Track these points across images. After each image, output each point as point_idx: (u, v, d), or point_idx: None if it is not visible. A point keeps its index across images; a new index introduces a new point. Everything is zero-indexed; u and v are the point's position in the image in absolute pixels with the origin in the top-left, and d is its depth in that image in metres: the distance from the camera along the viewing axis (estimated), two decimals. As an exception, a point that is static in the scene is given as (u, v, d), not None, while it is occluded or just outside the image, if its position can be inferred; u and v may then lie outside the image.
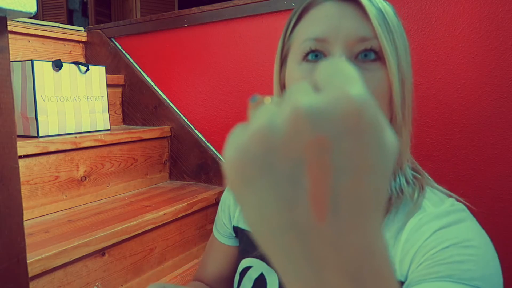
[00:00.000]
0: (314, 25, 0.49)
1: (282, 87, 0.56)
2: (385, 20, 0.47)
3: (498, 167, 1.01)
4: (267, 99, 0.21)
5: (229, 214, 0.69)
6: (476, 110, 1.02)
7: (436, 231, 0.45)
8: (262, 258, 0.59)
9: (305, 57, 0.49)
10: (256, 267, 0.59)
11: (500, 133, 1.00)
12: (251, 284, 0.59)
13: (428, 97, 1.08)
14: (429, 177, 0.55)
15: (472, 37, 1.01)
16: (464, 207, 0.49)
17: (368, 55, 0.47)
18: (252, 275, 0.59)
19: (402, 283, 0.45)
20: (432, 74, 1.07)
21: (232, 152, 0.19)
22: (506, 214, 1.01)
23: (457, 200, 0.50)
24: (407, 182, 0.52)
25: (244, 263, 0.62)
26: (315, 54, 0.49)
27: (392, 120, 0.50)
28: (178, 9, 3.03)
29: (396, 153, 0.19)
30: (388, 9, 0.49)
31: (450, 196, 0.51)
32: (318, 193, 0.18)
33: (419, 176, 0.54)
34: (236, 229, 0.68)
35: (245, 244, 0.64)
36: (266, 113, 0.19)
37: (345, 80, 0.18)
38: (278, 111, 0.19)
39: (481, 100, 1.02)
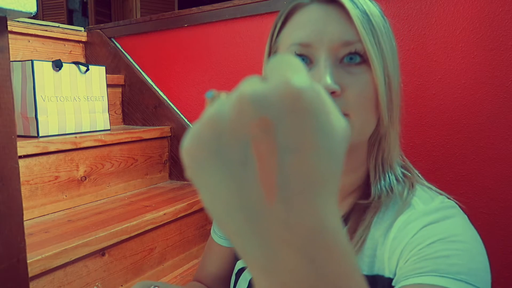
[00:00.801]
0: (299, 30, 0.49)
1: None
2: (369, 22, 0.47)
3: (498, 167, 1.01)
4: (222, 94, 0.22)
5: None
6: (476, 110, 1.02)
7: (424, 227, 0.45)
8: None
9: None
10: None
11: (500, 133, 1.00)
12: (246, 285, 0.59)
13: (428, 97, 1.08)
14: (419, 175, 0.55)
15: (472, 37, 1.01)
16: (454, 204, 0.49)
17: (353, 59, 0.48)
18: (247, 276, 0.59)
19: (391, 280, 0.45)
20: (432, 74, 1.07)
21: (186, 140, 0.21)
22: (506, 214, 1.01)
23: (448, 198, 0.50)
24: (397, 180, 0.52)
25: (240, 263, 0.62)
26: (301, 59, 0.48)
27: (378, 121, 0.50)
28: (178, 9, 3.03)
29: (344, 136, 0.20)
30: (373, 10, 0.49)
31: (441, 194, 0.51)
32: (265, 173, 0.19)
33: (409, 174, 0.54)
34: None
35: None
36: (217, 104, 0.21)
37: (287, 69, 0.20)
38: (226, 100, 0.20)
39: (481, 100, 1.02)
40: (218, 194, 0.20)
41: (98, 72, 1.39)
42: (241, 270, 0.60)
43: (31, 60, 1.18)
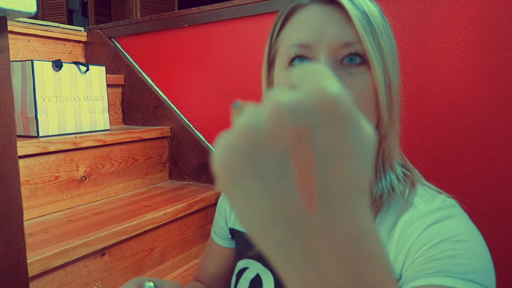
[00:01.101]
0: (299, 30, 0.49)
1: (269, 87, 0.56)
2: (369, 23, 0.47)
3: (498, 167, 1.01)
4: (249, 104, 0.22)
5: (226, 216, 0.69)
6: (476, 110, 1.02)
7: (428, 227, 0.45)
8: (258, 259, 0.60)
9: (291, 63, 0.49)
10: (252, 268, 0.60)
11: (500, 133, 1.00)
12: (247, 285, 0.59)
13: (428, 97, 1.08)
14: (419, 175, 0.55)
15: (472, 37, 1.01)
16: (455, 202, 0.49)
17: (353, 59, 0.47)
18: (248, 276, 0.60)
19: (397, 281, 0.45)
20: (432, 74, 1.07)
21: (219, 152, 0.20)
22: (506, 214, 1.01)
23: (448, 197, 0.51)
24: (397, 179, 0.52)
25: (241, 264, 0.62)
26: (301, 60, 0.49)
27: (378, 121, 0.50)
28: (178, 9, 3.03)
29: (374, 142, 0.21)
30: (373, 10, 0.48)
31: (441, 193, 0.51)
32: (305, 182, 0.19)
33: (409, 173, 0.54)
34: (232, 231, 0.68)
35: (241, 245, 0.64)
36: (249, 114, 0.20)
37: (319, 77, 0.20)
38: (259, 110, 0.20)
39: (481, 100, 1.02)
40: (257, 206, 0.20)
41: (98, 72, 1.39)
42: (242, 271, 0.61)
43: (31, 60, 1.18)
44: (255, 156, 0.19)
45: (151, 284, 0.46)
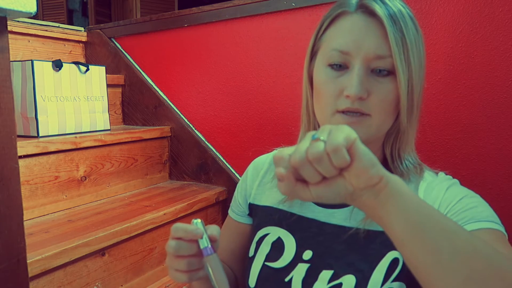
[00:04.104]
0: (342, 37, 0.57)
1: (310, 78, 0.64)
2: (403, 40, 0.55)
3: (498, 167, 1.01)
4: (316, 136, 0.38)
5: (245, 194, 0.76)
6: (476, 110, 1.02)
7: (447, 189, 0.58)
8: (279, 224, 0.66)
9: (330, 64, 0.58)
10: (273, 233, 0.66)
11: (500, 133, 1.00)
12: (268, 248, 0.65)
13: (428, 97, 1.08)
14: (424, 164, 0.66)
15: (472, 37, 1.01)
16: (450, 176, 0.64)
17: (381, 71, 0.56)
18: (269, 240, 0.65)
19: None
20: (432, 74, 1.07)
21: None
22: (506, 214, 1.01)
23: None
24: (412, 165, 0.63)
25: (260, 232, 0.67)
26: (339, 65, 0.58)
27: (397, 119, 0.60)
28: (178, 9, 3.03)
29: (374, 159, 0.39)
30: (409, 24, 0.56)
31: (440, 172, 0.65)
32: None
33: (419, 161, 0.66)
34: (252, 206, 0.74)
35: (260, 218, 0.70)
36: (303, 145, 0.38)
37: (339, 131, 0.38)
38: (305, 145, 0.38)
39: (481, 100, 1.02)
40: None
41: (98, 72, 1.39)
42: (263, 237, 0.67)
43: (31, 60, 1.18)
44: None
45: (198, 220, 0.52)
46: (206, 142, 1.50)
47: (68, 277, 0.91)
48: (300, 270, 0.60)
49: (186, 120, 1.53)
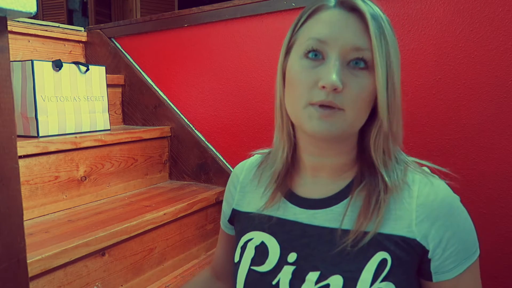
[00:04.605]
0: (319, 27, 0.56)
1: (284, 74, 0.62)
2: (382, 34, 0.54)
3: (498, 167, 1.01)
4: None
5: (231, 203, 0.75)
6: (476, 110, 1.02)
7: (448, 219, 0.57)
8: (261, 229, 0.66)
9: (306, 54, 0.56)
10: (256, 238, 0.66)
11: (500, 133, 1.00)
12: (253, 252, 0.64)
13: (428, 97, 1.08)
14: (414, 163, 0.64)
15: (472, 37, 1.01)
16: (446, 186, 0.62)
17: (358, 63, 0.55)
18: (253, 244, 0.65)
19: (416, 241, 0.56)
20: (432, 74, 1.07)
21: None
22: (506, 214, 1.01)
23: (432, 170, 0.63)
24: (398, 164, 0.61)
25: (245, 238, 0.67)
26: (315, 54, 0.56)
27: (377, 120, 0.58)
28: (178, 9, 3.03)
29: None
30: (386, 21, 0.56)
31: (432, 176, 0.61)
32: None
33: (406, 161, 0.63)
34: (234, 212, 0.74)
35: (243, 224, 0.70)
36: None
37: None
38: None
39: (481, 100, 1.02)
40: None
41: (98, 72, 1.39)
42: (246, 242, 0.66)
43: (31, 60, 1.18)
44: None
45: None
46: (206, 142, 1.50)
47: (68, 277, 0.91)
48: (286, 273, 0.60)
49: (186, 120, 1.53)
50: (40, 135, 1.18)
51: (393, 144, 0.59)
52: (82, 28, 1.74)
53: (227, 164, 1.45)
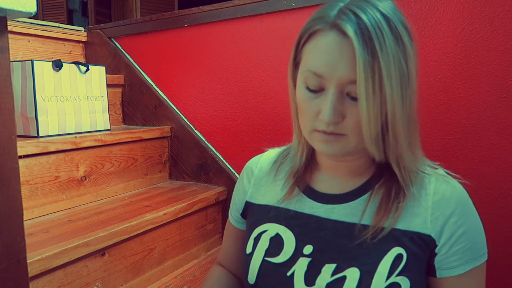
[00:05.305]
0: (316, 58, 0.56)
1: (295, 85, 0.63)
2: (373, 62, 0.51)
3: (498, 167, 1.01)
4: None
5: (244, 196, 0.76)
6: (476, 110, 1.02)
7: (457, 214, 0.59)
8: (276, 221, 0.67)
9: (307, 86, 0.58)
10: (271, 229, 0.67)
11: (500, 133, 1.00)
12: (267, 243, 0.65)
13: (428, 97, 1.08)
14: (435, 166, 0.68)
15: (472, 37, 1.01)
16: (462, 188, 0.65)
17: (355, 98, 0.55)
18: (267, 236, 0.66)
19: (431, 238, 0.58)
20: (432, 74, 1.07)
21: None
22: (506, 214, 1.01)
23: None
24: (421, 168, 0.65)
25: (258, 229, 0.68)
26: (314, 88, 0.57)
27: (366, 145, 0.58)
28: (178, 9, 3.03)
29: None
30: (386, 36, 0.53)
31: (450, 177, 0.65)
32: None
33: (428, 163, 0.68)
34: (247, 204, 0.75)
35: (256, 215, 0.71)
36: None
37: None
38: None
39: (481, 100, 1.02)
40: None
41: (98, 72, 1.39)
42: (260, 234, 0.67)
43: (31, 60, 1.18)
44: None
45: None
46: (206, 142, 1.50)
47: (68, 277, 0.91)
48: (302, 265, 0.61)
49: (186, 120, 1.53)
50: (40, 135, 1.18)
51: (407, 151, 0.61)
52: (82, 28, 1.74)
53: (227, 164, 1.45)
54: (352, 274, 0.57)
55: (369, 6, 0.54)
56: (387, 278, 0.56)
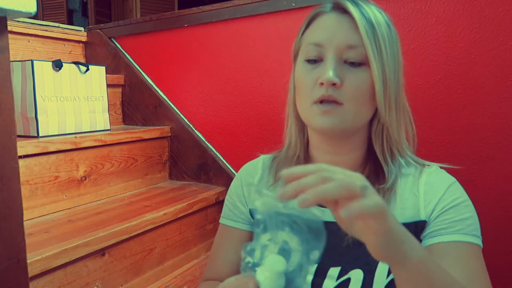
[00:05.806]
0: (316, 32, 0.62)
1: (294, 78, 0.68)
2: (373, 31, 0.58)
3: (498, 167, 1.01)
4: None
5: (245, 200, 0.76)
6: (476, 110, 1.02)
7: (447, 189, 0.62)
8: (280, 229, 0.65)
9: (307, 59, 0.62)
10: (276, 237, 0.67)
11: (500, 133, 1.00)
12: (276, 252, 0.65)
13: (428, 97, 1.08)
14: (417, 160, 0.69)
15: (472, 37, 1.01)
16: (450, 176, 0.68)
17: (354, 63, 0.59)
18: (273, 244, 0.65)
19: (425, 222, 0.61)
20: (432, 74, 1.07)
21: None
22: (506, 214, 1.01)
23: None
24: (406, 161, 0.67)
25: (264, 237, 0.66)
26: (314, 58, 0.62)
27: (376, 114, 0.63)
28: (178, 9, 3.03)
29: None
30: (380, 20, 0.59)
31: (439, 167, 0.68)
32: None
33: (415, 158, 0.70)
34: (252, 212, 0.75)
35: (259, 223, 0.69)
36: None
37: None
38: None
39: (481, 100, 1.02)
40: None
41: (98, 72, 1.39)
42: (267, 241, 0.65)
43: (31, 60, 1.18)
44: None
45: None
46: (206, 142, 1.50)
47: (68, 277, 0.91)
48: (309, 271, 0.61)
49: (186, 120, 1.53)
50: (40, 135, 1.18)
51: (396, 136, 0.63)
52: (82, 28, 1.74)
53: (227, 164, 1.45)
54: (356, 276, 0.58)
55: (363, 1, 0.62)
56: (388, 275, 0.57)
